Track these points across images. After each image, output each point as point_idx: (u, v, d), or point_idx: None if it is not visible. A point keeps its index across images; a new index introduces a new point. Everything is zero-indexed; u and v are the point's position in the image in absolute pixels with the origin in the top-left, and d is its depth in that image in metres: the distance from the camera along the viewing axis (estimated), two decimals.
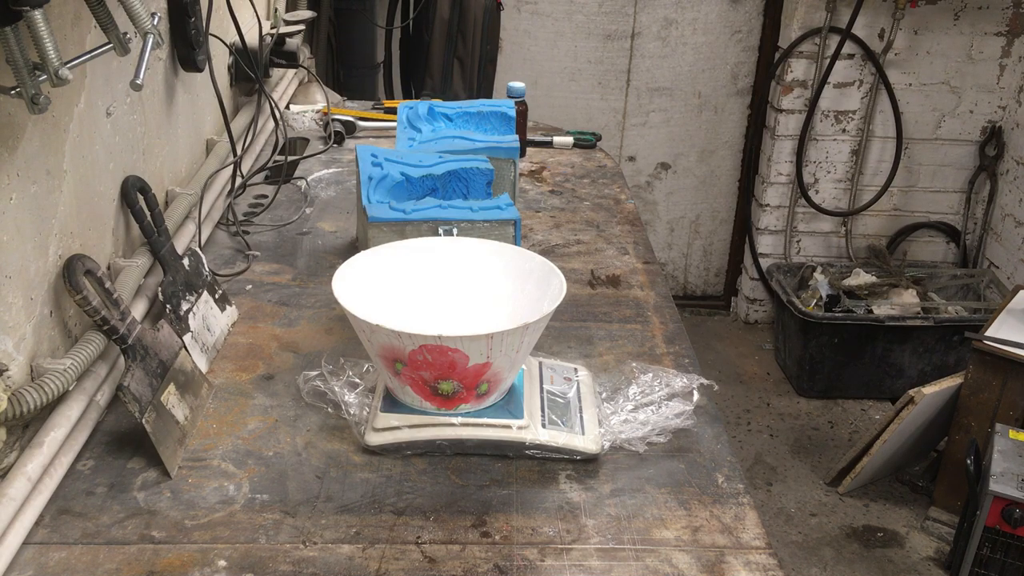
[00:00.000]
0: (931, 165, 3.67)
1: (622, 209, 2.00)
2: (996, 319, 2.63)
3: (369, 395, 1.26)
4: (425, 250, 1.33)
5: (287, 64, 2.31)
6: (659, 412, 1.25)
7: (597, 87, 3.78)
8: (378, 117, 2.43)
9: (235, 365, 1.38)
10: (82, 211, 1.28)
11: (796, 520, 2.82)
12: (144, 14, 1.14)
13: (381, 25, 3.39)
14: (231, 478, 1.14)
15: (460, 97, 3.16)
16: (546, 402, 1.23)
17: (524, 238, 1.81)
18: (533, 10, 3.68)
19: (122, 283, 1.34)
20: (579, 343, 1.46)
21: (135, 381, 1.14)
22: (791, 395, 3.47)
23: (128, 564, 1.00)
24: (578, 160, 2.29)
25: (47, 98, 0.99)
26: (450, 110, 1.86)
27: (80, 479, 1.13)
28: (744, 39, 3.70)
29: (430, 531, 1.06)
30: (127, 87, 1.42)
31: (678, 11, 3.65)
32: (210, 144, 1.95)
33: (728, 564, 1.03)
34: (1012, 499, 2.18)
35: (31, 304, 1.13)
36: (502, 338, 1.11)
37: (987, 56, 3.48)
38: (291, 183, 2.04)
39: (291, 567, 1.01)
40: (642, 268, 1.73)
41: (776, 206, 3.75)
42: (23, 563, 1.00)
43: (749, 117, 3.81)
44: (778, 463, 3.09)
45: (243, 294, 1.58)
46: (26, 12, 0.93)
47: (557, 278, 1.22)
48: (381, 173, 1.59)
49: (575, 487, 1.14)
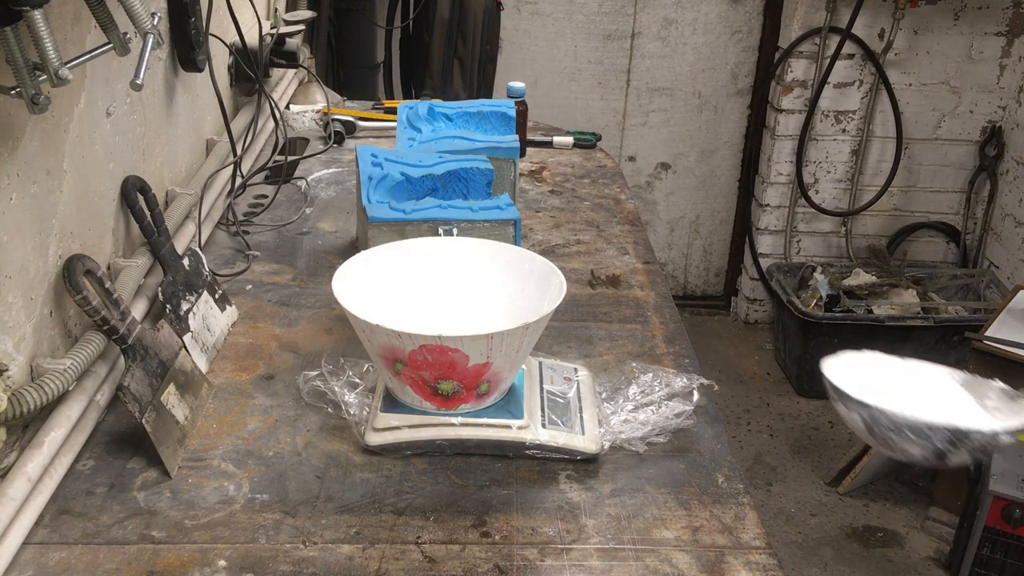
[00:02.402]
0: (931, 165, 3.67)
1: (622, 209, 2.00)
2: (996, 319, 2.63)
3: (369, 395, 1.26)
4: (425, 250, 1.33)
5: (287, 64, 2.31)
6: (659, 412, 1.25)
7: (597, 87, 3.79)
8: (378, 117, 2.43)
9: (235, 365, 1.38)
10: (82, 211, 1.28)
11: (796, 520, 2.82)
12: (144, 14, 1.14)
13: (381, 25, 3.39)
14: (231, 478, 1.14)
15: (460, 97, 3.16)
16: (546, 402, 1.23)
17: (524, 238, 1.81)
18: (533, 10, 3.68)
19: (122, 283, 1.34)
20: (579, 343, 1.46)
21: (135, 381, 1.14)
22: (791, 395, 3.47)
23: (128, 564, 1.00)
24: (578, 160, 2.29)
25: (47, 98, 0.99)
26: (450, 110, 1.86)
27: (80, 479, 1.13)
28: (744, 39, 3.70)
29: (430, 531, 1.06)
30: (127, 87, 1.42)
31: (678, 11, 3.65)
32: (210, 144, 1.95)
33: (728, 564, 1.03)
34: (1012, 499, 2.18)
35: (31, 304, 1.13)
36: (502, 338, 1.11)
37: (987, 56, 3.48)
38: (291, 183, 2.04)
39: (291, 567, 1.01)
40: (642, 268, 1.73)
41: (776, 206, 3.76)
42: (23, 563, 1.00)
43: (749, 117, 3.81)
44: (778, 463, 3.09)
45: (243, 294, 1.58)
46: (26, 12, 0.93)
47: (557, 278, 1.22)
48: (381, 173, 1.59)
49: (575, 487, 1.14)
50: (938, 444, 0.93)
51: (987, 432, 0.92)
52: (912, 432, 0.93)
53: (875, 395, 0.96)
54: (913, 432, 0.93)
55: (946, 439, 0.92)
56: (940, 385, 1.04)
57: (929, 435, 0.92)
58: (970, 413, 0.99)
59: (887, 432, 0.94)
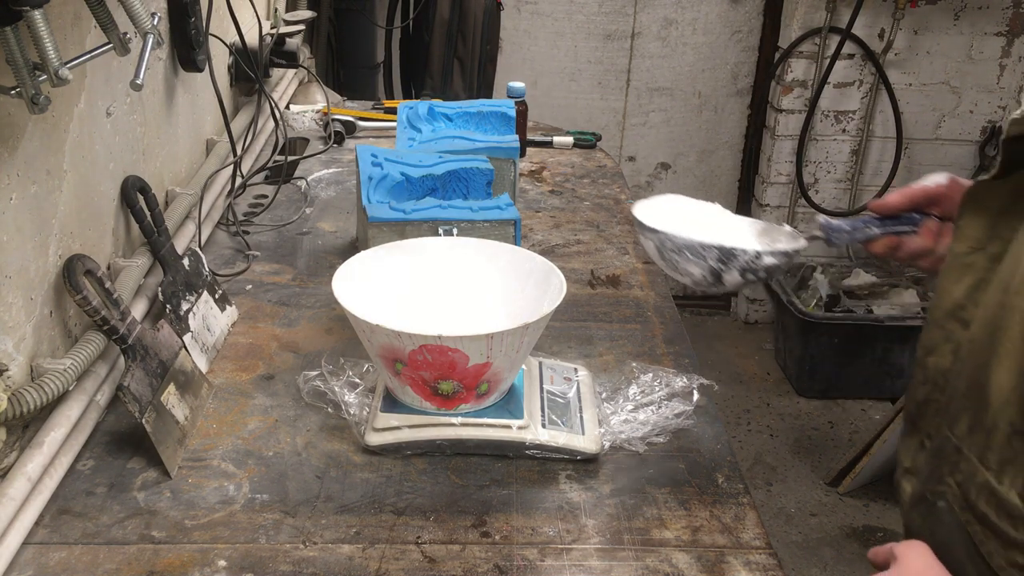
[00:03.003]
0: (931, 165, 3.67)
1: (622, 209, 2.00)
2: None
3: (369, 395, 1.26)
4: (425, 250, 1.33)
5: (287, 64, 2.31)
6: (659, 412, 1.25)
7: (597, 87, 3.79)
8: (378, 117, 2.43)
9: (235, 365, 1.38)
10: (82, 211, 1.28)
11: (796, 520, 2.82)
12: (144, 14, 1.14)
13: (381, 25, 3.39)
14: (231, 478, 1.14)
15: (460, 97, 3.16)
16: (546, 402, 1.23)
17: (524, 238, 1.81)
18: (533, 10, 3.68)
19: (122, 283, 1.34)
20: (579, 343, 1.46)
21: (135, 381, 1.14)
22: (791, 395, 3.47)
23: (128, 564, 1.00)
24: (578, 160, 2.29)
25: (47, 98, 0.99)
26: (450, 110, 1.86)
27: (80, 479, 1.13)
28: (744, 39, 3.70)
29: (430, 531, 1.06)
30: (127, 87, 1.42)
31: (678, 11, 3.65)
32: (210, 144, 1.95)
33: (728, 564, 1.03)
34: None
35: (31, 304, 1.13)
36: (502, 338, 1.11)
37: (987, 56, 3.48)
38: (291, 183, 2.04)
39: (291, 567, 1.01)
40: (642, 268, 1.73)
41: (776, 206, 3.76)
42: (23, 563, 1.00)
43: (749, 117, 3.81)
44: (778, 463, 3.09)
45: (243, 294, 1.58)
46: (26, 12, 0.93)
47: (557, 278, 1.22)
48: (381, 173, 1.59)
49: (575, 487, 1.14)
50: (711, 263, 1.03)
51: (751, 252, 1.03)
52: (690, 252, 1.04)
53: (666, 224, 1.06)
54: (691, 252, 1.04)
55: (717, 258, 1.03)
56: (733, 224, 1.16)
57: (703, 254, 1.03)
58: (742, 238, 1.10)
59: (672, 254, 1.05)
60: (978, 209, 0.89)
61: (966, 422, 0.85)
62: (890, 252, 1.07)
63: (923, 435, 0.96)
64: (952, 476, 0.86)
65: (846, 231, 1.07)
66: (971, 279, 0.90)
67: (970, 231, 0.90)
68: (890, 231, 1.06)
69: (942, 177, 1.05)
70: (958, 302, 0.91)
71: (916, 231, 1.05)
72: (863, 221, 1.07)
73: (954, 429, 0.87)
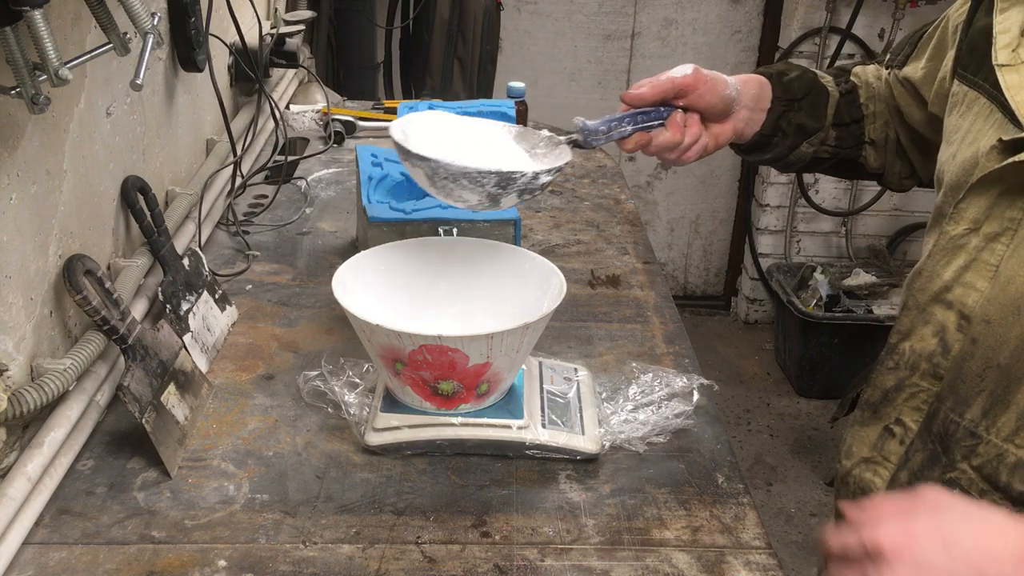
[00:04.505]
0: None
1: (622, 209, 2.00)
2: None
3: (369, 395, 1.26)
4: (425, 250, 1.33)
5: (287, 64, 2.31)
6: (659, 412, 1.25)
7: (597, 87, 3.79)
8: (378, 117, 2.43)
9: (235, 365, 1.38)
10: (82, 211, 1.28)
11: (796, 520, 2.82)
12: (144, 14, 1.14)
13: (381, 25, 3.39)
14: (231, 478, 1.14)
15: (460, 97, 3.16)
16: (546, 402, 1.23)
17: (524, 238, 1.81)
18: (533, 10, 3.68)
19: (122, 283, 1.34)
20: (579, 343, 1.46)
21: (135, 381, 1.14)
22: (791, 395, 3.47)
23: (128, 564, 1.00)
24: (578, 160, 2.29)
25: (47, 98, 0.99)
26: (450, 110, 1.86)
27: (80, 479, 1.13)
28: (744, 39, 3.70)
29: (430, 531, 1.06)
30: (127, 87, 1.42)
31: (678, 11, 3.65)
32: (210, 144, 1.95)
33: (728, 564, 1.03)
34: None
35: (31, 304, 1.13)
36: (502, 338, 1.11)
37: None
38: (291, 183, 2.04)
39: (291, 567, 1.01)
40: (642, 268, 1.73)
41: (776, 206, 3.76)
42: (23, 563, 1.00)
43: None
44: (778, 463, 3.09)
45: (243, 294, 1.58)
46: (26, 12, 0.93)
47: (557, 278, 1.22)
48: (381, 173, 1.59)
49: (575, 487, 1.14)
50: (490, 189, 1.04)
51: (528, 173, 1.04)
52: (467, 180, 1.03)
53: (435, 149, 1.05)
54: (468, 180, 1.03)
55: (495, 183, 1.03)
56: (495, 138, 1.16)
57: (481, 181, 1.03)
58: (517, 160, 1.12)
59: (445, 182, 1.04)
60: (982, 191, 0.88)
61: (980, 405, 0.83)
62: (641, 148, 1.11)
63: (889, 421, 0.95)
64: (967, 461, 0.85)
65: (602, 132, 1.10)
66: (962, 260, 0.89)
67: (969, 212, 0.89)
68: (640, 127, 1.10)
69: (688, 68, 1.12)
70: (946, 284, 0.90)
71: (664, 124, 1.10)
72: (616, 119, 1.10)
73: (964, 414, 0.85)
